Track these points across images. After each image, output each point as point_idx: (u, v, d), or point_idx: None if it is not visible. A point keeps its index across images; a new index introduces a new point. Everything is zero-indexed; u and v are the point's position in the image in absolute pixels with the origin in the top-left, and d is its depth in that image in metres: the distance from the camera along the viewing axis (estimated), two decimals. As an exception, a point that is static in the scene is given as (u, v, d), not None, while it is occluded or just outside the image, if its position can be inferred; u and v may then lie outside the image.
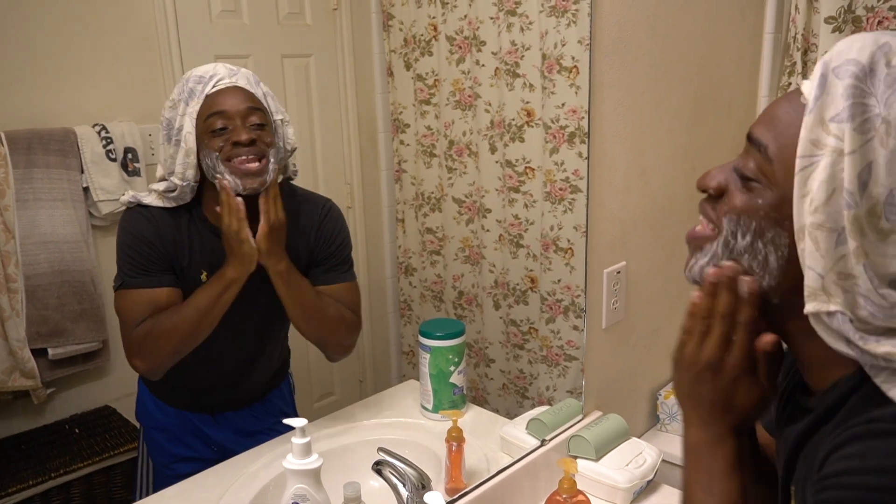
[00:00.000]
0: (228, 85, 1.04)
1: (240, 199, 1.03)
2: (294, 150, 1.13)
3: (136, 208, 1.09)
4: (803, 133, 0.55)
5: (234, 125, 1.03)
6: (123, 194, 1.10)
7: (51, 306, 1.12)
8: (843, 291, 0.55)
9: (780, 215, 0.58)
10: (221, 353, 1.16)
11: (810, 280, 0.56)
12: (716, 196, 0.65)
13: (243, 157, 1.03)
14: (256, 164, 1.04)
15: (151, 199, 1.08)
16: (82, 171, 1.13)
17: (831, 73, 0.54)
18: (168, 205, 1.08)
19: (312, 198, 1.21)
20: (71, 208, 1.13)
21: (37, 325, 1.11)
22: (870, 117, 0.52)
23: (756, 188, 0.60)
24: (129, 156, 1.17)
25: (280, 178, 1.11)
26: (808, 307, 0.57)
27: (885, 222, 0.52)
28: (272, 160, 1.06)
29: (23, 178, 1.07)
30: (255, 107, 1.06)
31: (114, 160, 1.16)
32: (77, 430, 1.19)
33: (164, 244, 1.08)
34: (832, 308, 0.55)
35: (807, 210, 0.55)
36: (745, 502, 0.64)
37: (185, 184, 1.05)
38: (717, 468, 0.65)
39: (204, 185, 1.08)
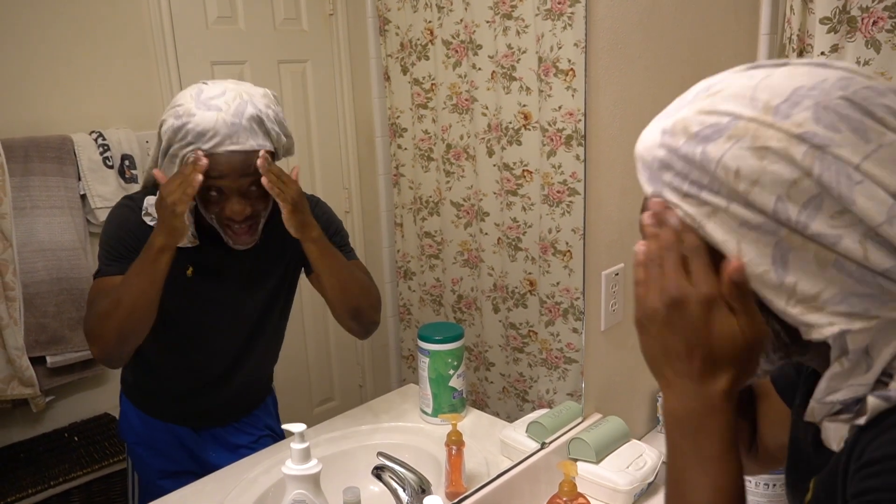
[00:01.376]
0: (227, 150, 0.99)
1: (200, 177, 0.97)
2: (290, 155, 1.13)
3: (125, 201, 1.08)
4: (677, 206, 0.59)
5: (228, 196, 1.02)
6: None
7: (49, 314, 1.12)
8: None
9: None
10: (206, 351, 1.16)
11: None
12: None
13: (236, 229, 1.05)
14: (247, 234, 1.06)
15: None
16: (79, 179, 1.13)
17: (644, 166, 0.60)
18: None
19: None
20: (68, 216, 1.13)
21: (35, 333, 1.11)
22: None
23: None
24: (126, 163, 1.17)
25: None
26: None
27: None
28: (262, 221, 1.07)
29: (20, 186, 1.07)
30: (255, 177, 1.02)
31: (111, 167, 1.16)
32: (76, 438, 1.19)
33: (147, 233, 1.03)
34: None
35: None
36: (743, 482, 0.57)
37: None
38: (709, 446, 0.56)
39: None
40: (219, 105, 0.98)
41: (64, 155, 1.11)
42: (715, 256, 0.55)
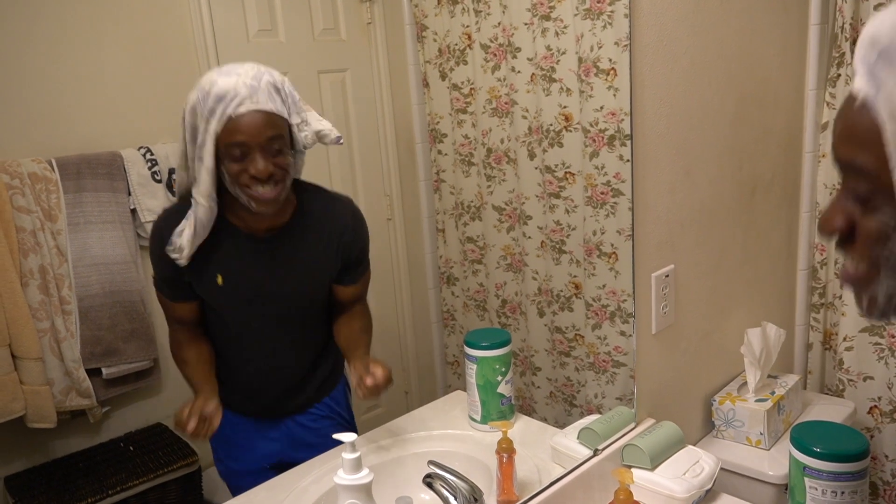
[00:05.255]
0: (248, 109, 1.04)
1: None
2: (307, 148, 1.14)
3: (162, 215, 1.13)
4: (889, 136, 0.52)
5: (252, 155, 1.05)
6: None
7: (104, 327, 1.14)
8: None
9: None
10: (263, 367, 1.20)
11: None
12: (848, 234, 0.61)
13: (260, 189, 1.06)
14: (272, 192, 1.07)
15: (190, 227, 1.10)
16: (129, 194, 1.15)
17: (881, 58, 0.51)
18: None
19: (337, 197, 1.25)
20: (119, 230, 1.15)
21: (91, 346, 1.13)
22: None
23: (879, 206, 0.57)
24: (174, 177, 1.19)
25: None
26: None
27: None
28: (287, 185, 1.10)
29: (73, 203, 1.10)
30: (276, 134, 1.06)
31: (159, 181, 1.18)
32: (132, 448, 1.21)
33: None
34: None
35: None
36: None
37: (210, 203, 1.08)
38: None
39: (225, 189, 1.09)
40: (238, 72, 1.04)
41: (114, 171, 1.14)
42: None
